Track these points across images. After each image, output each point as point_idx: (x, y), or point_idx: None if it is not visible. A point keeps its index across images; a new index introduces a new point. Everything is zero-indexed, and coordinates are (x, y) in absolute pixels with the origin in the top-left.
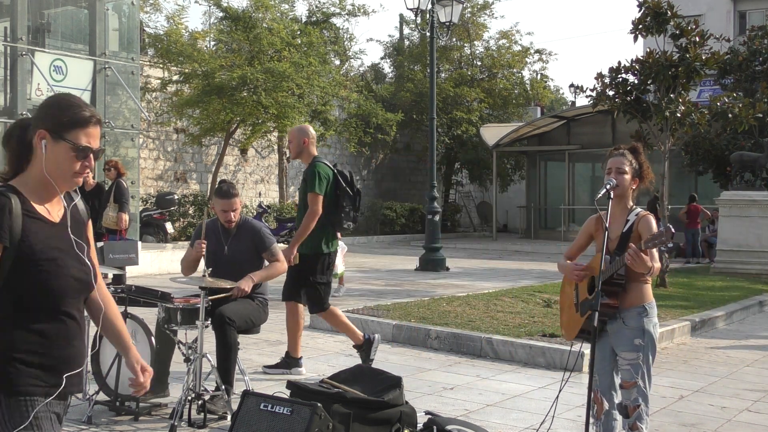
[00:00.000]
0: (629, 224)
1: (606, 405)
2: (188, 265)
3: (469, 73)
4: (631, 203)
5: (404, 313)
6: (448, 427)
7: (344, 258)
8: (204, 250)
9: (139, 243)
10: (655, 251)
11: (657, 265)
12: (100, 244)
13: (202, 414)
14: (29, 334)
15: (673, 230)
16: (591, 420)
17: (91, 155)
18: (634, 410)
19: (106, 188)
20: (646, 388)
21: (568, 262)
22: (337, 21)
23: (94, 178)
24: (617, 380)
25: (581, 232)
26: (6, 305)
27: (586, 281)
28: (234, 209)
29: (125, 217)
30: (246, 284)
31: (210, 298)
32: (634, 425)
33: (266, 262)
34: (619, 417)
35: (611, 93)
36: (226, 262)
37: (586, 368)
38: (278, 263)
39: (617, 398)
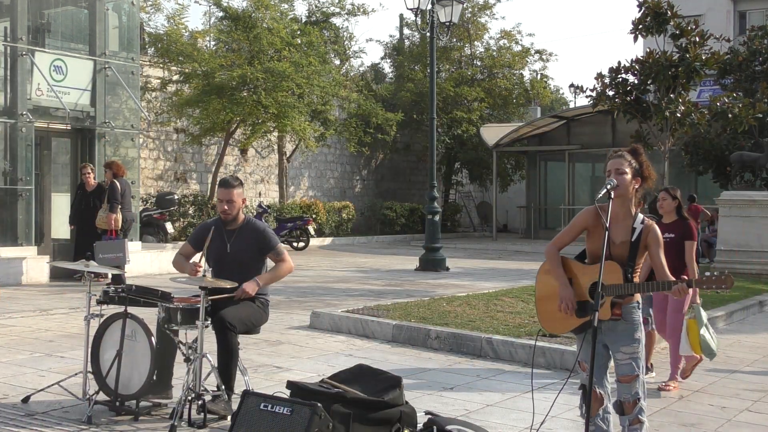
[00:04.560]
0: (637, 233)
1: (605, 399)
2: (181, 261)
3: (469, 73)
4: (633, 208)
5: (404, 313)
6: (448, 427)
7: None
8: (199, 273)
9: (140, 243)
10: (664, 259)
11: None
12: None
13: (202, 414)
14: None
15: (733, 280)
16: (586, 418)
17: None
18: (634, 405)
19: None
20: (645, 380)
21: (570, 289)
22: (336, 21)
23: (95, 178)
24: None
25: (575, 224)
26: None
27: (586, 284)
28: (229, 200)
29: (114, 217)
30: (251, 287)
31: (212, 297)
32: (635, 419)
33: (269, 262)
34: (611, 410)
35: (611, 93)
36: (230, 261)
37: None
38: (284, 263)
39: (609, 391)
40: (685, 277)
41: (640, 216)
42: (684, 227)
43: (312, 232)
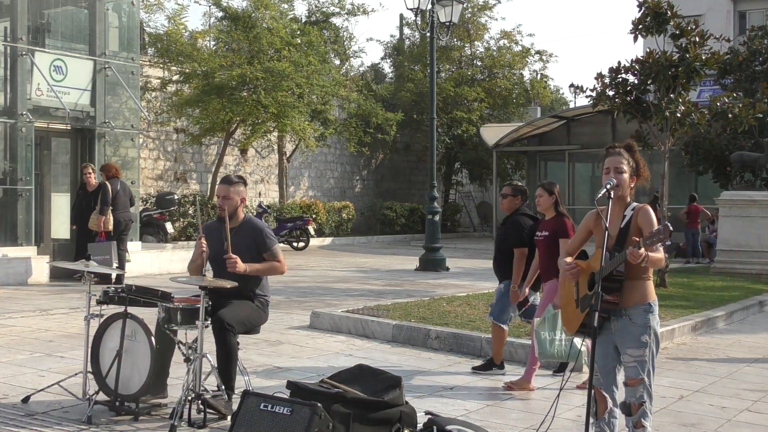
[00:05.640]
0: (626, 219)
1: (609, 402)
2: (195, 268)
3: (469, 73)
4: (628, 199)
5: (404, 313)
6: (448, 427)
7: None
8: (204, 246)
9: (140, 243)
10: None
11: (660, 255)
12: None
13: (202, 414)
14: None
15: (671, 228)
16: (591, 420)
17: None
18: (639, 407)
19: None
20: (651, 384)
21: (567, 260)
22: (336, 21)
23: (96, 179)
24: (619, 378)
25: (580, 228)
26: None
27: (587, 277)
28: (225, 196)
29: (103, 218)
30: (239, 263)
31: (212, 284)
32: (638, 423)
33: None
34: (619, 415)
35: (611, 93)
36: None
37: (585, 369)
38: (277, 263)
39: (618, 395)
40: (636, 239)
41: (633, 204)
42: (558, 224)
43: (312, 232)
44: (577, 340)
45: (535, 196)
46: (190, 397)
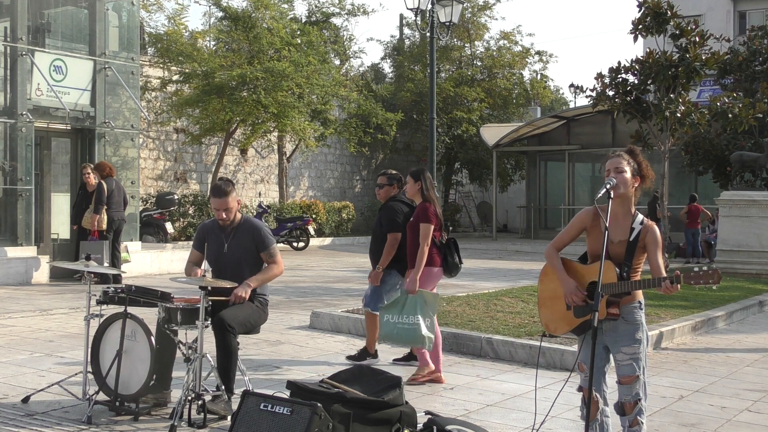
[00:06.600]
0: (635, 233)
1: (600, 402)
2: (191, 270)
3: (470, 73)
4: (633, 208)
5: None
6: (448, 427)
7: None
8: (200, 275)
9: (140, 243)
10: (661, 260)
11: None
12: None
13: (202, 414)
14: None
15: (721, 274)
16: (586, 420)
17: None
18: (634, 405)
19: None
20: (645, 381)
21: (570, 280)
22: (336, 21)
23: (96, 179)
24: (607, 377)
25: (574, 224)
26: None
27: (585, 284)
28: (226, 208)
29: (97, 217)
30: (243, 291)
31: (210, 298)
32: (635, 421)
33: (264, 264)
34: (611, 413)
35: (611, 93)
36: (227, 261)
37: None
38: (275, 265)
39: (608, 394)
40: (678, 273)
41: (640, 216)
42: (420, 209)
43: (312, 232)
44: (423, 327)
45: (407, 182)
46: (190, 397)
